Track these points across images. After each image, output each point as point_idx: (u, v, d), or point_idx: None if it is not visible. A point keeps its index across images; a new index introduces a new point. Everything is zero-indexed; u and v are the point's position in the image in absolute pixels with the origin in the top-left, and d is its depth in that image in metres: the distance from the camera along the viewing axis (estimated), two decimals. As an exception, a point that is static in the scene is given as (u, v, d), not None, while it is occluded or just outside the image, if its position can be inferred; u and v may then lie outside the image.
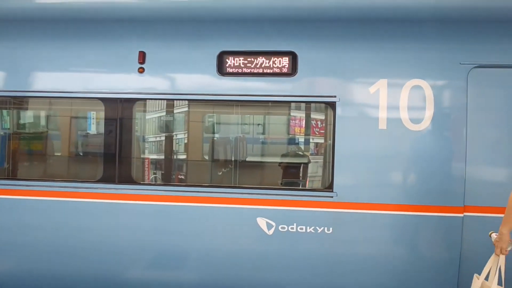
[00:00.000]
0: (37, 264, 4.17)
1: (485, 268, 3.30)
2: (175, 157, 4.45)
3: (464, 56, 3.86)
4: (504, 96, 3.84)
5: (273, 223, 3.98)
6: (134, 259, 4.13)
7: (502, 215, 3.45)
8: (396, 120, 3.86)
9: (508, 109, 3.84)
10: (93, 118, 4.74)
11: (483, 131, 3.85)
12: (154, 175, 4.37)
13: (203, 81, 4.06)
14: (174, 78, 4.13)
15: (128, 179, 4.13)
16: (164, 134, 4.42)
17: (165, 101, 4.28)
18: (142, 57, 4.09)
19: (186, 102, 4.21)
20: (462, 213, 3.85)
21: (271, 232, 3.99)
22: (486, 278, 3.28)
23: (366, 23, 4.04)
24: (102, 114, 4.30)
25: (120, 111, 4.11)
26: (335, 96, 3.93)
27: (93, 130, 4.71)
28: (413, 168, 3.91)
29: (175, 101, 4.27)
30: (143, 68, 4.10)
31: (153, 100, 4.24)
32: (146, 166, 4.36)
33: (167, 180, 4.36)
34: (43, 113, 4.73)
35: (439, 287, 3.94)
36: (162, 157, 4.47)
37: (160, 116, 4.41)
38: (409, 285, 3.97)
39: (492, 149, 3.86)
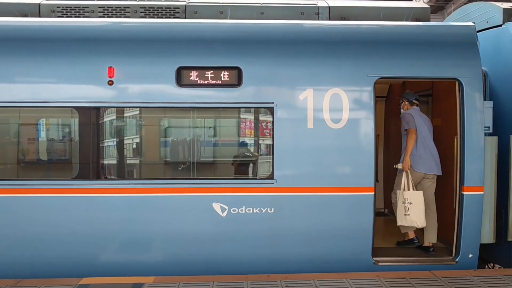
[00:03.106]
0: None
1: (402, 184, 5.28)
2: (143, 156, 5.22)
3: (371, 70, 4.97)
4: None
5: (226, 207, 4.86)
6: (108, 245, 4.84)
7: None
8: (321, 120, 4.89)
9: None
10: (42, 125, 5.30)
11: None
12: (126, 171, 5.11)
13: (165, 91, 4.87)
14: (140, 89, 4.91)
15: (101, 176, 4.86)
16: (132, 137, 5.18)
17: (132, 108, 5.03)
18: (111, 71, 4.84)
19: (151, 109, 4.99)
20: (373, 192, 4.94)
21: (224, 214, 4.87)
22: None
23: (297, 44, 5.04)
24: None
25: (93, 118, 4.82)
26: (272, 102, 4.89)
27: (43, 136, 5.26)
28: (335, 159, 4.95)
29: (141, 108, 5.03)
30: (112, 81, 4.84)
31: (122, 108, 4.97)
32: (119, 164, 5.08)
33: (137, 175, 5.12)
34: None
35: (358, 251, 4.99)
36: (132, 156, 5.22)
37: (128, 122, 5.15)
38: (336, 251, 4.99)
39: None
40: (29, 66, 4.82)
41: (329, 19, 5.50)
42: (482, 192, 4.97)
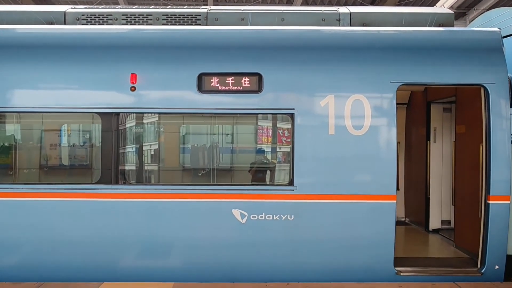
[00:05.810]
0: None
1: None
2: (164, 161, 5.24)
3: (393, 76, 4.90)
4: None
5: (246, 213, 4.83)
6: (127, 250, 4.85)
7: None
8: (342, 127, 4.84)
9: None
10: (64, 131, 5.39)
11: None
12: (146, 177, 5.15)
13: (186, 98, 4.90)
14: (162, 95, 4.95)
15: (123, 181, 4.89)
16: (153, 143, 5.22)
17: (154, 114, 5.08)
18: (134, 78, 4.89)
19: (172, 115, 5.02)
20: (395, 200, 4.85)
21: (244, 220, 4.84)
22: None
23: (318, 50, 5.02)
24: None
25: (116, 124, 4.88)
26: (293, 109, 4.87)
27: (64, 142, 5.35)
28: (356, 166, 4.88)
29: (162, 114, 5.06)
30: (134, 87, 4.89)
31: (144, 114, 5.02)
32: (140, 169, 5.12)
33: (157, 180, 5.14)
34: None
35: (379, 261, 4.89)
36: (153, 162, 5.26)
37: (149, 127, 5.20)
38: (357, 260, 4.90)
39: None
40: (55, 72, 4.92)
41: (351, 25, 5.45)
42: (509, 202, 4.83)
